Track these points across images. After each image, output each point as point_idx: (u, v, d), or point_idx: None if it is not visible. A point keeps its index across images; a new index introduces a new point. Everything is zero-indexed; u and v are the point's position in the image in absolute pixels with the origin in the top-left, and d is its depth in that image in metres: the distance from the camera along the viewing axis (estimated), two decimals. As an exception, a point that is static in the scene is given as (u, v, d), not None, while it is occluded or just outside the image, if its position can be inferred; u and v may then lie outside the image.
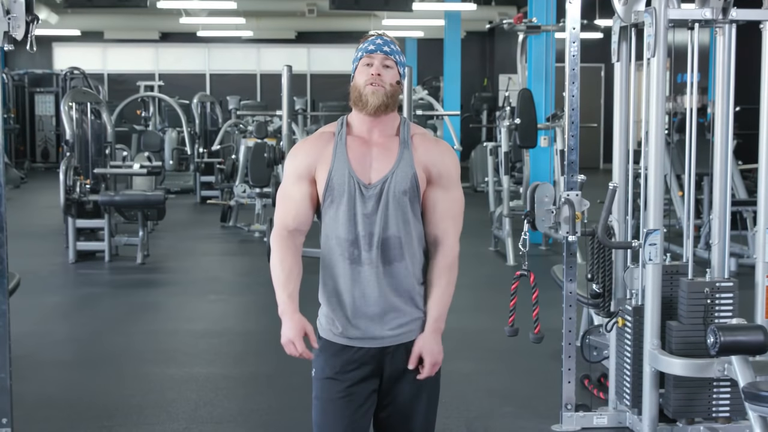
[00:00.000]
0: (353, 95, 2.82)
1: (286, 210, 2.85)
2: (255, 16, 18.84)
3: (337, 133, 2.84)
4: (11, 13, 4.12)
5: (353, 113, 2.86)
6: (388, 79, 2.79)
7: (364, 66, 2.81)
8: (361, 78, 2.80)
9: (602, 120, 18.61)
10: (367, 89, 2.78)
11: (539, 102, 9.73)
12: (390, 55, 2.81)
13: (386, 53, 2.80)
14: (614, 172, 4.65)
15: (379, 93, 2.77)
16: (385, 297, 2.80)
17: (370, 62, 2.80)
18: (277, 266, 2.81)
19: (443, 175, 2.85)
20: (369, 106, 2.78)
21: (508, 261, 9.18)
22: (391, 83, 2.79)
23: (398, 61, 2.83)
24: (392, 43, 2.84)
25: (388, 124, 2.84)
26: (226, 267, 9.42)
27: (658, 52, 4.15)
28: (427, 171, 2.82)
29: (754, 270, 4.41)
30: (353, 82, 2.83)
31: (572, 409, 4.66)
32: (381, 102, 2.78)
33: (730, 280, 4.30)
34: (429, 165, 2.83)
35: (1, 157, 4.31)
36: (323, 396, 2.86)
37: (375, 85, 2.77)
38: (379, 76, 2.78)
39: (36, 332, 6.51)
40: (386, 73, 2.79)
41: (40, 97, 20.41)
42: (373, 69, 2.79)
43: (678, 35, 4.41)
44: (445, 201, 2.85)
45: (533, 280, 4.10)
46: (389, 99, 2.79)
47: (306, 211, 2.84)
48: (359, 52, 2.83)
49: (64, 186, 8.71)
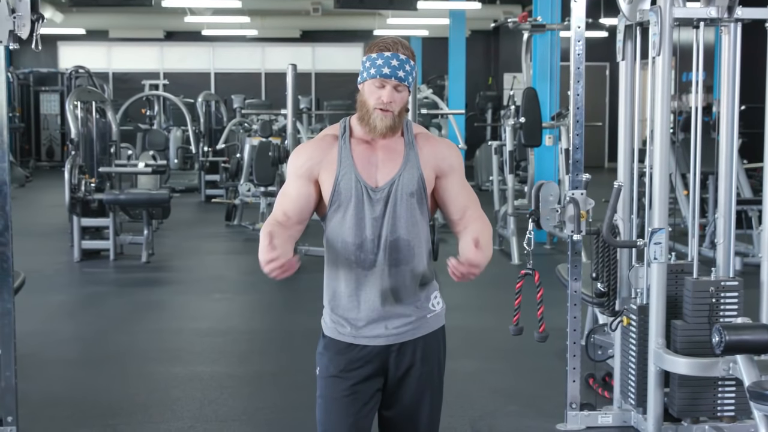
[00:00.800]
0: (361, 111, 2.77)
1: (281, 205, 2.82)
2: (260, 15, 18.85)
3: (341, 136, 2.81)
4: (16, 11, 4.13)
5: (356, 118, 2.82)
6: (398, 105, 2.74)
7: (374, 86, 2.73)
8: (371, 99, 2.74)
9: (607, 119, 18.58)
10: (376, 114, 2.73)
11: (544, 101, 9.72)
12: (403, 81, 2.73)
13: (399, 80, 2.72)
14: (619, 170, 4.65)
15: (388, 119, 2.73)
16: (390, 299, 2.79)
17: (382, 85, 2.72)
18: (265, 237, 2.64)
19: (454, 167, 2.85)
20: (377, 132, 2.75)
21: (513, 260, 9.18)
22: (400, 107, 2.75)
23: (410, 83, 2.76)
24: (407, 62, 2.74)
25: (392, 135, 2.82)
26: (230, 266, 9.43)
27: (663, 50, 4.14)
28: (437, 167, 2.82)
29: (759, 269, 4.40)
30: (362, 95, 2.76)
31: (577, 408, 4.65)
32: (388, 127, 2.75)
33: (735, 279, 4.30)
34: (438, 160, 2.82)
35: (6, 156, 4.32)
36: (328, 394, 2.85)
37: (384, 111, 2.73)
38: (390, 103, 2.72)
39: (41, 331, 6.52)
40: (397, 99, 2.74)
41: (45, 95, 20.46)
42: (384, 96, 2.72)
43: (683, 34, 4.40)
44: (462, 188, 2.86)
45: (538, 278, 4.09)
46: (397, 122, 2.76)
47: (301, 206, 2.80)
48: (372, 67, 2.73)
49: (69, 185, 8.72)
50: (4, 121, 4.30)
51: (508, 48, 19.55)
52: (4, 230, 4.30)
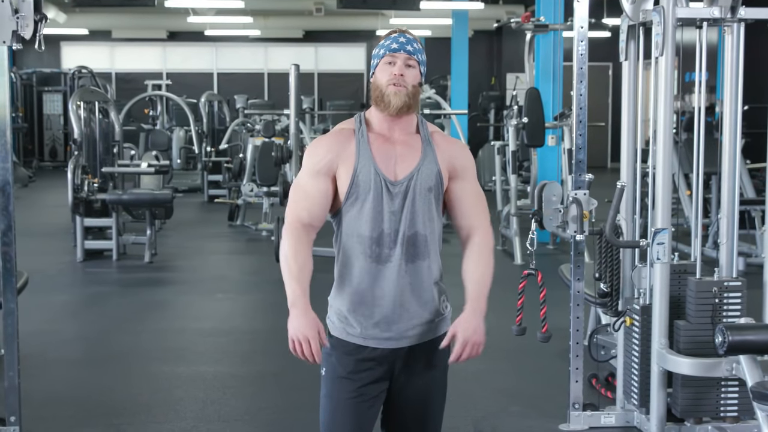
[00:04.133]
0: (374, 94, 2.79)
1: (302, 204, 2.79)
2: (262, 15, 18.85)
3: (357, 130, 2.81)
4: (20, 12, 4.14)
5: (372, 111, 2.83)
6: (410, 80, 2.76)
7: (386, 64, 2.78)
8: (383, 77, 2.77)
9: (610, 119, 18.57)
10: (389, 89, 2.75)
11: (547, 101, 9.72)
12: (413, 55, 2.78)
13: (409, 53, 2.77)
14: (622, 171, 4.65)
15: (402, 94, 2.75)
16: (404, 296, 2.76)
17: (392, 61, 2.77)
18: (290, 258, 2.73)
19: (467, 168, 2.86)
20: (392, 108, 2.75)
21: (516, 260, 9.17)
22: (413, 84, 2.77)
23: (420, 61, 2.80)
24: (415, 41, 2.81)
25: (408, 123, 2.82)
26: (233, 266, 9.43)
27: (666, 50, 4.14)
28: (451, 166, 2.82)
29: (762, 269, 4.40)
30: (374, 80, 2.80)
31: (580, 409, 4.65)
32: (403, 103, 2.76)
33: (738, 280, 4.29)
34: (453, 159, 2.83)
35: (9, 156, 4.32)
36: (334, 395, 2.82)
37: (397, 86, 2.74)
38: (401, 76, 2.75)
39: (44, 330, 6.52)
40: (409, 73, 2.76)
41: (49, 96, 20.47)
42: (395, 69, 2.76)
43: (686, 34, 4.40)
44: (473, 192, 2.86)
45: (541, 279, 4.10)
46: (411, 99, 2.77)
47: (321, 207, 2.78)
48: (381, 50, 2.80)
49: (72, 185, 8.73)
50: (7, 121, 4.30)
51: (511, 48, 19.54)
52: (8, 230, 4.31)
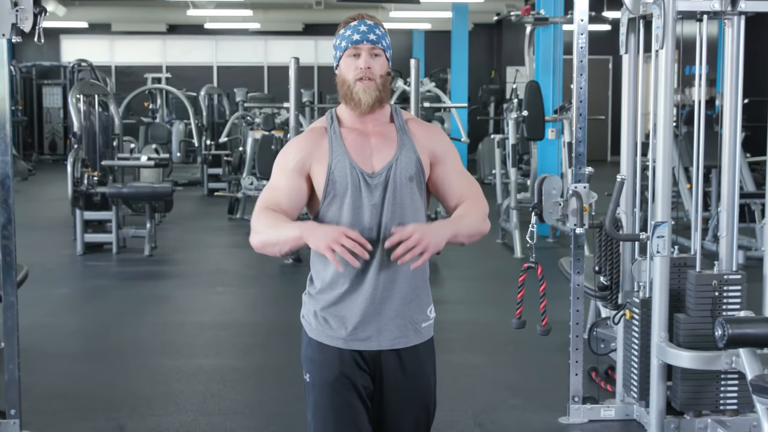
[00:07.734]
0: (342, 90, 2.66)
1: (274, 196, 2.68)
2: (262, 8, 18.83)
3: (329, 127, 2.70)
4: (19, 5, 4.13)
5: (342, 106, 2.72)
6: (378, 71, 2.63)
7: (349, 57, 2.64)
8: (349, 72, 2.64)
9: (610, 112, 18.56)
10: (357, 86, 2.63)
11: (547, 94, 9.71)
12: (377, 43, 2.64)
13: (372, 42, 2.63)
14: (622, 164, 4.64)
15: (371, 89, 2.62)
16: (388, 293, 2.65)
17: (356, 53, 2.63)
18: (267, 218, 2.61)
19: (447, 151, 2.75)
20: (363, 105, 2.63)
21: (516, 253, 9.17)
22: (381, 74, 2.64)
23: (385, 47, 2.66)
24: (377, 27, 2.66)
25: (381, 114, 2.70)
26: (233, 259, 9.43)
27: (667, 43, 4.13)
28: (431, 153, 2.72)
29: (762, 262, 4.39)
30: (340, 75, 2.67)
31: (579, 402, 4.66)
32: (374, 98, 2.63)
33: (738, 273, 4.29)
34: (432, 146, 2.72)
35: (9, 149, 4.32)
36: (323, 405, 2.70)
37: (365, 81, 2.62)
38: (368, 69, 2.62)
39: (44, 324, 6.53)
40: (375, 64, 2.63)
41: (48, 89, 20.45)
42: (361, 62, 2.62)
43: (686, 27, 4.39)
44: (458, 171, 2.75)
45: (540, 272, 4.09)
46: (382, 92, 2.64)
47: (293, 200, 2.67)
48: (342, 41, 2.66)
49: (71, 178, 8.73)
50: (6, 114, 4.29)
51: (511, 41, 19.52)
52: (7, 223, 4.30)
